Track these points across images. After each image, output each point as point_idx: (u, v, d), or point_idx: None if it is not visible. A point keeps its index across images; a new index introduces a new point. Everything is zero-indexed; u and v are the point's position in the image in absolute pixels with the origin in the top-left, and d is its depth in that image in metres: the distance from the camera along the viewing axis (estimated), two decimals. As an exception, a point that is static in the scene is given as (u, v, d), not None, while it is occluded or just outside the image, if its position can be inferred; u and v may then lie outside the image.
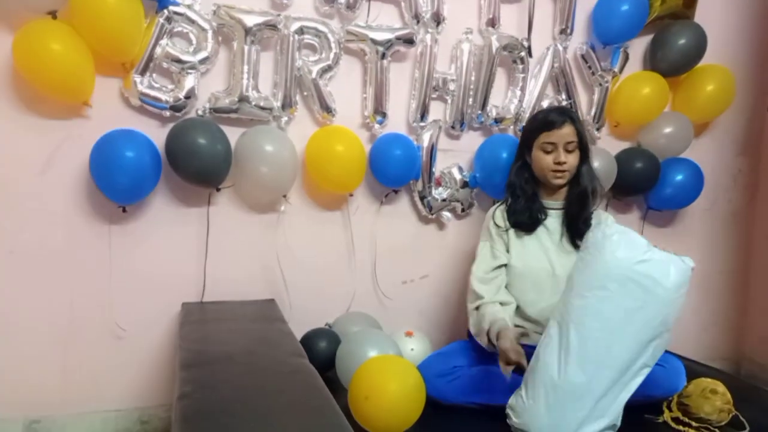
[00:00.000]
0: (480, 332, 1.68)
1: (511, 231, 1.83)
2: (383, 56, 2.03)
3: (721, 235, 2.80)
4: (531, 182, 1.84)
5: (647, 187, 2.40)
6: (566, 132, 1.73)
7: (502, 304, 1.74)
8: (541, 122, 1.77)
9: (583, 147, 1.78)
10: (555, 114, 1.76)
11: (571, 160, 1.75)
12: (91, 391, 1.91)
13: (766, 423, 1.63)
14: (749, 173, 2.80)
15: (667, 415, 1.65)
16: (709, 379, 1.71)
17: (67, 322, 1.86)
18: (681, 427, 1.61)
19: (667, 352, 1.70)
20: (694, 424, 1.62)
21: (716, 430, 1.60)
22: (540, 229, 1.82)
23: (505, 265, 1.82)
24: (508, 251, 1.83)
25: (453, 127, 2.21)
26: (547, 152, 1.76)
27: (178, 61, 1.82)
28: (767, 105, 2.50)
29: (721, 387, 1.67)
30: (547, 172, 1.77)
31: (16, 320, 1.81)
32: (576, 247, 1.76)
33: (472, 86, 2.19)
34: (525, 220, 1.81)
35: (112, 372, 1.92)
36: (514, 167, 1.88)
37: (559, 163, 1.74)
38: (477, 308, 1.75)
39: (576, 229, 1.77)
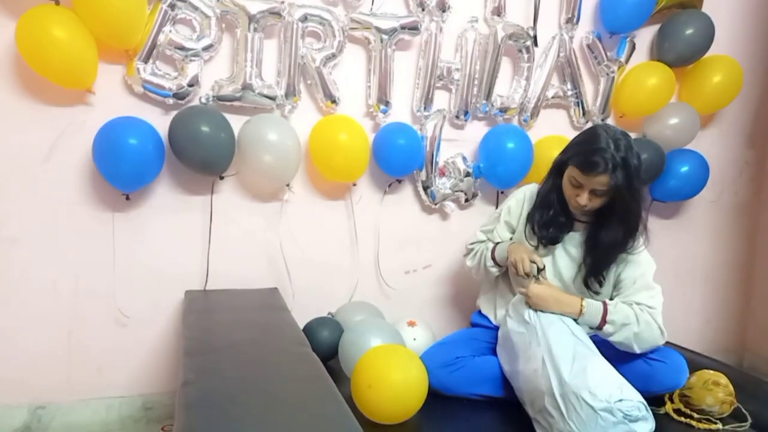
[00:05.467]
0: (482, 256, 1.82)
1: (524, 222, 1.79)
2: (388, 44, 2.01)
3: (726, 228, 2.79)
4: (563, 201, 1.69)
5: (652, 178, 2.38)
6: (600, 180, 1.53)
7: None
8: (582, 157, 1.56)
9: (618, 197, 1.56)
10: (600, 158, 1.51)
11: (596, 203, 1.58)
12: (95, 378, 1.93)
13: (768, 415, 1.63)
14: (756, 165, 2.78)
15: (668, 407, 1.66)
16: (711, 371, 1.71)
17: (71, 310, 1.87)
18: (683, 419, 1.62)
19: (669, 347, 1.70)
20: (695, 415, 1.62)
21: (718, 422, 1.60)
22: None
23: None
24: (513, 233, 1.84)
25: (457, 117, 2.20)
26: (573, 186, 1.61)
27: (182, 48, 1.81)
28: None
29: (723, 379, 1.67)
30: (568, 202, 1.67)
31: (20, 308, 1.82)
32: (587, 286, 1.69)
33: (476, 75, 2.17)
34: (545, 236, 1.71)
35: (116, 359, 1.93)
36: (549, 183, 1.73)
37: (578, 203, 1.60)
38: (473, 246, 1.90)
39: (592, 272, 1.68)
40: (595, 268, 1.67)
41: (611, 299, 1.67)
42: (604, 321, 1.55)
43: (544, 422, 1.43)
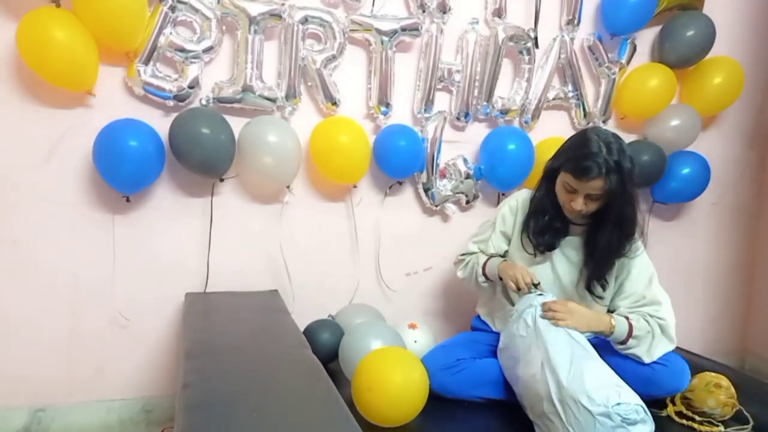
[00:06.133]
0: (474, 270, 1.81)
1: (519, 230, 1.77)
2: (388, 46, 2.01)
3: (728, 229, 2.78)
4: (557, 206, 1.66)
5: (653, 180, 2.38)
6: (594, 185, 1.51)
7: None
8: (575, 162, 1.53)
9: (612, 201, 1.54)
10: (593, 162, 1.49)
11: (591, 207, 1.57)
12: (95, 381, 1.92)
13: (771, 418, 1.62)
14: (757, 167, 2.77)
15: (670, 409, 1.65)
16: (713, 373, 1.70)
17: (70, 312, 1.86)
18: (684, 421, 1.61)
19: (671, 350, 1.68)
20: (697, 418, 1.61)
21: (720, 424, 1.59)
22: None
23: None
24: (509, 242, 1.82)
25: (458, 119, 2.20)
26: (567, 191, 1.58)
27: (182, 50, 1.81)
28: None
29: (725, 381, 1.66)
30: (563, 207, 1.64)
31: (19, 310, 1.82)
32: (590, 290, 1.68)
33: (477, 77, 2.17)
34: (541, 243, 1.69)
35: (116, 361, 1.93)
36: (541, 189, 1.70)
37: (573, 208, 1.58)
38: (463, 258, 1.89)
39: (594, 276, 1.67)
40: (597, 273, 1.66)
41: (612, 303, 1.67)
42: (629, 337, 1.56)
43: (545, 427, 1.43)
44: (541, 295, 1.60)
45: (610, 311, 1.68)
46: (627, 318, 1.58)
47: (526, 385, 1.49)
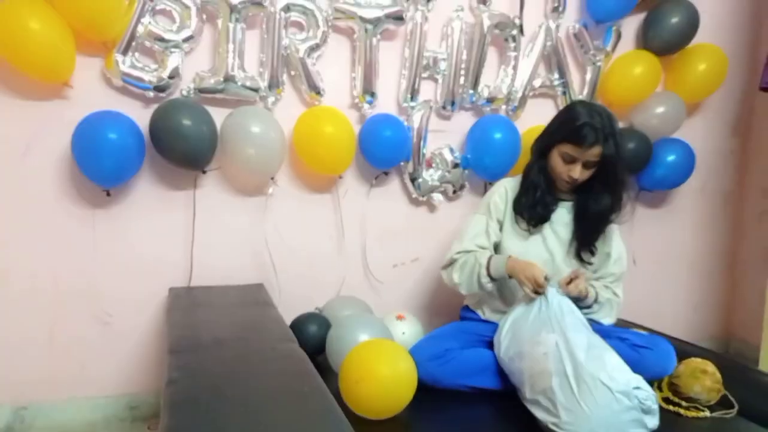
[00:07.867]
0: (474, 270, 1.72)
1: (510, 213, 1.80)
2: (372, 34, 1.99)
3: (712, 216, 2.81)
4: (549, 179, 1.75)
5: (639, 167, 2.39)
6: (594, 152, 1.61)
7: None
8: (573, 132, 1.63)
9: (609, 165, 1.65)
10: (590, 130, 1.59)
11: (586, 175, 1.67)
12: (78, 378, 1.90)
13: (755, 402, 1.64)
14: (740, 153, 2.80)
15: (657, 396, 1.66)
16: (698, 359, 1.72)
17: (52, 309, 1.83)
18: (671, 407, 1.62)
19: (657, 334, 1.73)
20: (684, 403, 1.63)
21: (706, 409, 1.61)
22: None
23: (495, 246, 1.82)
24: (501, 230, 1.82)
25: (444, 108, 2.18)
26: (565, 161, 1.67)
27: (161, 39, 1.77)
28: (759, 85, 2.49)
29: (710, 367, 1.68)
30: (558, 179, 1.72)
31: (0, 308, 1.78)
32: (580, 258, 1.77)
33: (463, 65, 2.15)
34: (534, 215, 1.75)
35: (99, 358, 1.91)
36: (533, 167, 1.77)
37: (571, 177, 1.67)
38: (458, 257, 1.79)
39: (585, 243, 1.76)
40: (588, 239, 1.75)
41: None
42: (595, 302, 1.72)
43: (546, 402, 1.42)
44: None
45: None
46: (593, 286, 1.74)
47: (532, 360, 1.49)
